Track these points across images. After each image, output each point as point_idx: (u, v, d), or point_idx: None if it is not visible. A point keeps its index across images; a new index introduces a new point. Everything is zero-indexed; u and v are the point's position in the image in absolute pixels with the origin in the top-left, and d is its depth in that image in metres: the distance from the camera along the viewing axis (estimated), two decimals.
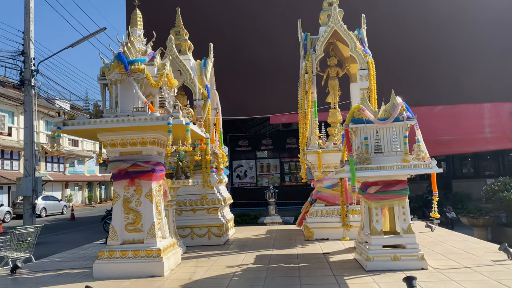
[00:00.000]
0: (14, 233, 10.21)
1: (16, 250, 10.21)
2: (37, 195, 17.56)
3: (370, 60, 8.59)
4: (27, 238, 10.70)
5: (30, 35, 17.38)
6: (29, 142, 17.04)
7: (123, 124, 5.59)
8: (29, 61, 17.21)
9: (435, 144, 18.04)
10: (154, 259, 5.76)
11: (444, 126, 17.80)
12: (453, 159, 25.82)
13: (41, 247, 15.30)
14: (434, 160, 5.56)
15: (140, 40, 6.40)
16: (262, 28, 18.36)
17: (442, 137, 17.85)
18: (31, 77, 17.18)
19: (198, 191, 8.51)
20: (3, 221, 25.89)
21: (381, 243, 5.64)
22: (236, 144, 22.38)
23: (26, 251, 10.61)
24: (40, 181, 17.48)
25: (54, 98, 27.98)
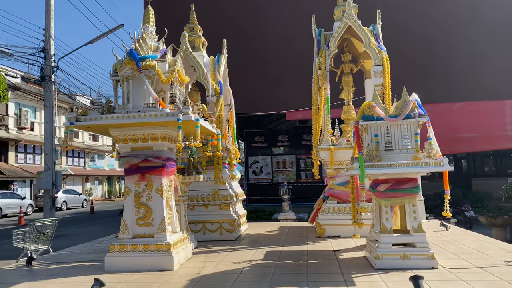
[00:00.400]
0: (33, 225, 10.48)
1: (35, 242, 10.47)
2: (57, 188, 17.94)
3: (385, 56, 8.47)
4: (45, 230, 10.96)
5: (50, 32, 17.70)
6: (49, 137, 17.41)
7: (133, 120, 5.67)
8: (50, 58, 17.54)
9: (454, 141, 17.72)
10: (164, 253, 5.83)
11: (464, 123, 17.44)
12: (473, 157, 25.33)
13: (60, 240, 15.67)
14: (445, 158, 5.47)
15: (152, 36, 6.46)
16: (279, 24, 18.29)
17: (462, 134, 17.50)
18: (52, 73, 17.53)
19: (210, 186, 8.57)
20: (26, 213, 26.56)
21: (390, 241, 5.59)
22: (252, 140, 22.42)
23: (45, 243, 10.87)
24: (60, 175, 17.86)
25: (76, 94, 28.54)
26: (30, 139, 32.60)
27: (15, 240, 10.24)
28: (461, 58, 17.52)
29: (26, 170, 31.59)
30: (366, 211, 6.95)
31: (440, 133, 17.65)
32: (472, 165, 26.05)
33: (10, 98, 32.77)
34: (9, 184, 31.86)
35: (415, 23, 17.88)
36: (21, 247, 10.31)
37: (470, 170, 24.21)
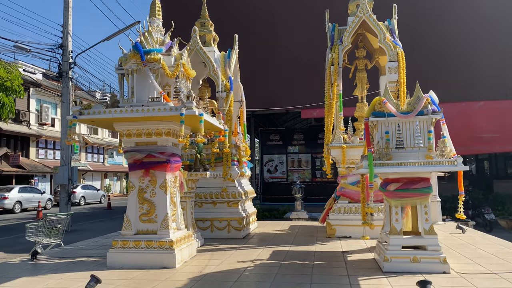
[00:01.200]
0: (45, 220, 10.56)
1: (47, 236, 10.55)
2: (73, 183, 18.13)
3: (400, 52, 8.19)
4: (57, 225, 11.03)
5: (68, 28, 17.87)
6: (65, 132, 17.57)
7: (136, 114, 5.57)
8: (67, 54, 17.70)
9: (475, 141, 17.20)
10: (166, 251, 5.72)
11: (485, 123, 16.89)
12: (496, 158, 24.58)
13: (75, 234, 15.81)
14: (460, 157, 5.18)
15: (158, 30, 6.35)
16: (295, 19, 18.05)
17: (482, 134, 16.96)
18: (69, 70, 17.70)
19: (219, 183, 8.43)
20: (45, 208, 27.01)
21: (400, 244, 5.34)
22: (268, 139, 22.23)
23: (56, 238, 10.92)
24: (76, 171, 18.04)
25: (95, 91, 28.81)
26: (51, 134, 33.14)
27: (28, 234, 10.32)
28: (483, 56, 16.97)
29: (46, 165, 32.13)
30: (373, 211, 6.72)
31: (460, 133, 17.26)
32: (494, 167, 25.29)
33: (32, 94, 33.43)
34: (29, 179, 32.47)
35: (437, 19, 17.41)
36: (33, 241, 10.42)
37: (492, 172, 23.49)
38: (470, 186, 17.62)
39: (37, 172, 31.63)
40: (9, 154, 28.54)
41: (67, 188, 17.36)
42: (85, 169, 38.10)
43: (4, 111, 10.76)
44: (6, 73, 10.87)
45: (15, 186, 26.82)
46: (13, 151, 30.69)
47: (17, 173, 29.65)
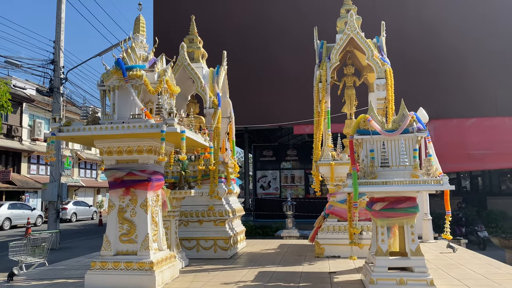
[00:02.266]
0: (29, 238, 10.31)
1: (31, 255, 10.29)
2: (62, 200, 17.88)
3: (388, 69, 8.15)
4: (41, 243, 10.78)
5: (60, 44, 17.86)
6: (56, 149, 17.40)
7: (116, 131, 5.45)
8: (59, 70, 17.66)
9: (466, 158, 17.16)
10: (146, 272, 5.54)
11: (477, 139, 16.88)
12: (490, 175, 24.54)
13: (63, 252, 15.51)
14: (446, 176, 5.08)
15: (142, 46, 6.28)
16: (287, 37, 18.12)
17: (474, 151, 16.93)
18: (60, 85, 17.63)
19: (205, 201, 8.27)
20: (35, 224, 26.61)
21: (386, 265, 5.20)
22: (261, 154, 22.13)
23: (40, 257, 10.66)
24: (65, 187, 17.81)
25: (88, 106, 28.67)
26: (43, 150, 32.85)
27: (11, 252, 10.05)
28: (475, 72, 17.04)
29: (37, 181, 31.78)
30: (358, 231, 6.59)
31: (451, 150, 17.21)
32: (488, 183, 25.22)
33: (24, 109, 33.27)
34: (20, 195, 32.08)
35: (428, 37, 17.53)
36: (17, 260, 10.14)
37: (485, 188, 23.39)
38: (463, 203, 17.50)
39: (28, 188, 31.27)
40: (0, 170, 28.24)
41: (56, 205, 17.11)
42: (78, 185, 37.73)
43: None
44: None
45: (5, 202, 26.43)
46: (4, 167, 30.39)
47: (8, 189, 29.29)
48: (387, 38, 15.72)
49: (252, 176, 22.01)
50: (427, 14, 17.72)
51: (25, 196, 32.46)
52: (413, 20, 17.83)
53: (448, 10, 17.65)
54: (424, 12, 17.78)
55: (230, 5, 19.27)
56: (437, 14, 17.56)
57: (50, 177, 17.34)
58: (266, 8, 18.89)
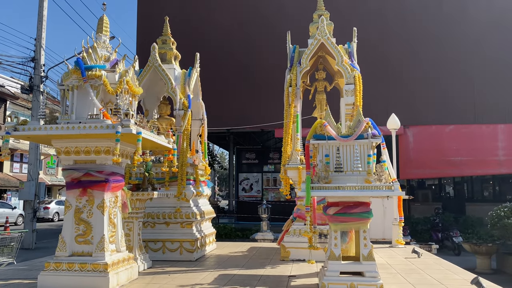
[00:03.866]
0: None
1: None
2: (40, 199, 17.74)
3: (357, 75, 8.22)
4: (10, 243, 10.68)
5: (41, 42, 17.74)
6: (34, 147, 17.27)
7: (72, 131, 5.42)
8: (39, 68, 17.53)
9: (445, 164, 17.36)
10: (100, 274, 5.51)
11: (455, 146, 17.08)
12: (472, 181, 24.82)
13: (38, 252, 15.38)
14: (396, 183, 5.13)
15: (104, 46, 6.26)
16: (270, 40, 18.18)
17: (452, 158, 17.14)
18: (40, 83, 17.49)
19: (173, 203, 8.24)
20: (15, 223, 26.35)
21: (338, 269, 5.23)
22: (244, 157, 22.16)
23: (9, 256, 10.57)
24: (43, 186, 17.67)
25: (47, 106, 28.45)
26: (26, 148, 32.54)
27: None
28: (453, 80, 17.25)
29: (20, 179, 31.41)
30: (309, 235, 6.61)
31: (430, 156, 17.35)
32: (470, 189, 25.50)
33: (8, 107, 32.94)
34: (2, 193, 31.74)
35: (407, 42, 17.71)
36: None
37: (464, 195, 23.64)
38: (440, 209, 17.68)
39: (10, 186, 30.94)
40: None
41: (33, 204, 16.95)
42: (62, 184, 37.38)
43: None
44: None
45: None
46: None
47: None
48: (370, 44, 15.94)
49: (234, 178, 22.01)
50: (408, 22, 17.91)
51: (7, 195, 32.11)
52: (395, 26, 18.01)
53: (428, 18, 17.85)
54: (405, 19, 17.97)
55: (213, 7, 19.29)
56: (418, 22, 17.75)
57: (28, 176, 17.19)
58: (250, 10, 18.95)
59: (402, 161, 17.69)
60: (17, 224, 26.01)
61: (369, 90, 17.23)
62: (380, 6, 18.30)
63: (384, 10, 18.36)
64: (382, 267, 7.24)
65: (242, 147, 22.44)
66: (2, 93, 30.51)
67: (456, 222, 17.75)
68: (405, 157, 17.52)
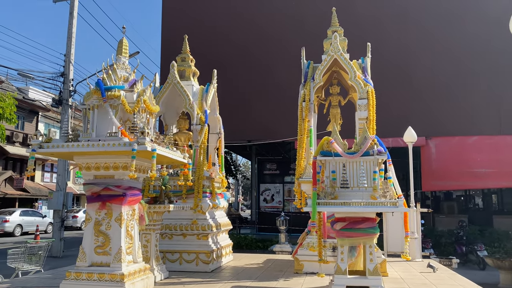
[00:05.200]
0: (26, 246, 10.69)
1: (27, 262, 10.67)
2: (67, 209, 18.40)
3: (370, 90, 8.33)
4: (37, 251, 11.16)
5: (70, 58, 18.52)
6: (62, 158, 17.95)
7: (92, 148, 5.77)
8: (68, 82, 18.29)
9: (468, 176, 17.06)
10: (117, 284, 5.79)
11: (479, 157, 16.78)
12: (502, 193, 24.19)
13: (65, 260, 15.92)
14: (401, 199, 5.22)
15: (123, 67, 6.62)
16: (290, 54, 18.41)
17: (476, 169, 16.82)
18: (69, 97, 18.24)
19: (189, 216, 8.50)
20: (45, 231, 27.27)
21: (344, 284, 5.35)
22: (265, 167, 22.35)
23: (37, 264, 11.04)
24: (70, 196, 18.33)
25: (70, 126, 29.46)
26: (56, 158, 33.75)
27: (9, 259, 10.46)
28: (477, 91, 17.02)
29: (50, 189, 32.49)
30: (315, 250, 6.72)
31: (452, 167, 17.10)
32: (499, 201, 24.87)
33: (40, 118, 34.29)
34: (33, 202, 32.90)
35: (430, 52, 17.61)
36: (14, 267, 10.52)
37: (492, 207, 23.05)
38: (464, 221, 17.34)
39: (41, 195, 32.06)
40: (14, 177, 29.09)
41: (61, 214, 17.60)
42: None
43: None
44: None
45: (17, 209, 27.21)
46: (18, 174, 31.27)
47: (21, 196, 30.13)
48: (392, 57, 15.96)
49: (255, 189, 22.22)
50: (431, 33, 17.82)
51: (38, 204, 33.25)
52: (417, 37, 17.94)
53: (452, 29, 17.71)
54: (428, 31, 17.88)
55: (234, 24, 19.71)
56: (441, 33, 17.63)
57: (56, 186, 17.88)
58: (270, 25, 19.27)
59: (425, 173, 17.52)
60: (47, 232, 26.92)
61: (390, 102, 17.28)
62: (402, 18, 18.29)
63: (406, 21, 18.34)
64: (395, 281, 7.28)
65: (264, 157, 22.66)
66: (34, 106, 31.82)
67: (482, 235, 17.34)
68: (428, 168, 17.33)
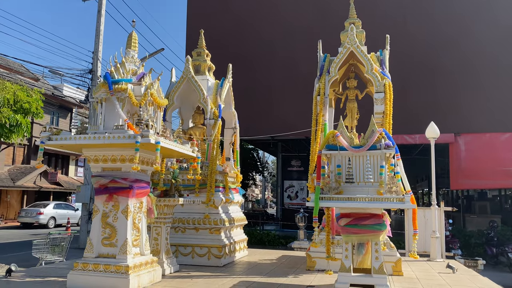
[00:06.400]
0: (49, 237, 11.00)
1: (50, 253, 10.98)
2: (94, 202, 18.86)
3: (387, 83, 8.05)
4: (60, 243, 11.46)
5: (98, 55, 18.92)
6: None
7: (98, 141, 5.83)
8: (96, 79, 18.69)
9: (500, 174, 16.32)
10: (122, 275, 5.84)
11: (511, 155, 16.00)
12: None
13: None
14: (408, 195, 5.00)
15: (132, 61, 6.66)
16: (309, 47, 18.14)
17: (508, 167, 16.04)
18: None
19: (202, 210, 8.49)
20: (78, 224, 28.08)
21: (347, 281, 5.18)
22: (289, 164, 22.15)
23: (60, 255, 11.34)
24: None
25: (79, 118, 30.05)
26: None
27: (34, 250, 10.79)
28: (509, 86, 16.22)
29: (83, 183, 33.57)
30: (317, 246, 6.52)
31: (483, 165, 16.39)
32: None
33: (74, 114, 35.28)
34: (67, 196, 33.99)
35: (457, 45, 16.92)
36: (38, 257, 10.85)
37: None
38: (495, 222, 16.60)
39: (74, 189, 33.03)
40: (48, 171, 30.11)
41: (88, 207, 18.05)
42: None
43: (20, 130, 11.50)
44: (26, 96, 11.64)
45: (51, 202, 28.14)
46: (53, 169, 32.37)
47: (55, 190, 31.18)
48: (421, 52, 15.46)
49: (280, 185, 22.09)
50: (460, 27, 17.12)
51: (72, 197, 34.30)
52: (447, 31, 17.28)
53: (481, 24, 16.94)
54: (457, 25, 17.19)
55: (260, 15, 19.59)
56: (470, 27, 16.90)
57: (84, 180, 18.36)
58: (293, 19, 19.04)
59: (453, 171, 16.88)
60: (79, 225, 27.68)
61: (417, 97, 16.73)
62: (430, 11, 17.66)
63: (434, 16, 17.68)
64: (410, 281, 7.02)
65: (288, 154, 22.46)
66: (68, 103, 32.81)
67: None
68: (457, 166, 16.68)
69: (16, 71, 28.37)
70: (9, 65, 29.11)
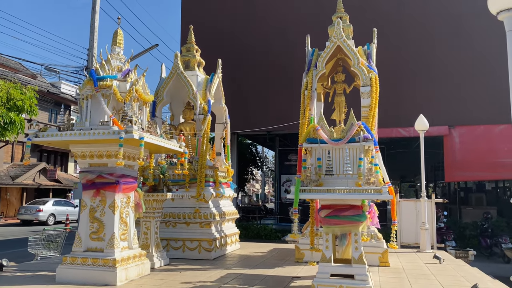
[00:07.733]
0: (44, 233, 11.13)
1: (46, 249, 11.11)
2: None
3: (374, 77, 8.12)
4: (55, 238, 11.59)
5: (93, 51, 18.96)
6: None
7: (83, 137, 5.93)
8: None
9: (494, 166, 16.36)
10: (109, 269, 5.95)
11: (506, 147, 16.04)
12: None
13: None
14: (385, 186, 5.09)
15: (118, 58, 6.75)
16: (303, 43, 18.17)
17: (503, 159, 16.08)
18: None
19: (193, 204, 8.60)
20: (76, 221, 28.27)
21: (328, 271, 5.28)
22: (286, 158, 22.24)
23: (55, 251, 11.47)
24: None
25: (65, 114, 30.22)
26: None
27: (30, 246, 10.91)
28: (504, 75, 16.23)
29: None
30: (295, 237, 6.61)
31: (477, 157, 16.44)
32: None
33: (72, 112, 35.41)
34: (66, 193, 34.17)
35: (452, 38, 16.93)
36: (34, 253, 10.97)
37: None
38: (489, 213, 16.69)
39: (73, 186, 33.21)
40: (47, 169, 30.26)
41: None
42: None
43: (14, 128, 11.62)
44: (20, 94, 11.75)
45: (50, 199, 28.30)
46: (52, 166, 32.51)
47: (54, 187, 31.33)
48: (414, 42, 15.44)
49: (277, 180, 22.18)
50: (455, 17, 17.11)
51: (71, 194, 34.47)
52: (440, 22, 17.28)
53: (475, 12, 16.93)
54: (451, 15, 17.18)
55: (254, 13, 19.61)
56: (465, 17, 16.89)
57: None
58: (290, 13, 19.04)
59: (448, 163, 16.93)
60: (78, 221, 27.92)
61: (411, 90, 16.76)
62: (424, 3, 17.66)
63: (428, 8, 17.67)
64: (395, 271, 7.14)
65: (284, 148, 22.53)
66: (66, 100, 32.90)
67: (509, 227, 16.65)
68: (451, 159, 16.73)
69: (13, 69, 28.48)
70: (7, 63, 29.20)
